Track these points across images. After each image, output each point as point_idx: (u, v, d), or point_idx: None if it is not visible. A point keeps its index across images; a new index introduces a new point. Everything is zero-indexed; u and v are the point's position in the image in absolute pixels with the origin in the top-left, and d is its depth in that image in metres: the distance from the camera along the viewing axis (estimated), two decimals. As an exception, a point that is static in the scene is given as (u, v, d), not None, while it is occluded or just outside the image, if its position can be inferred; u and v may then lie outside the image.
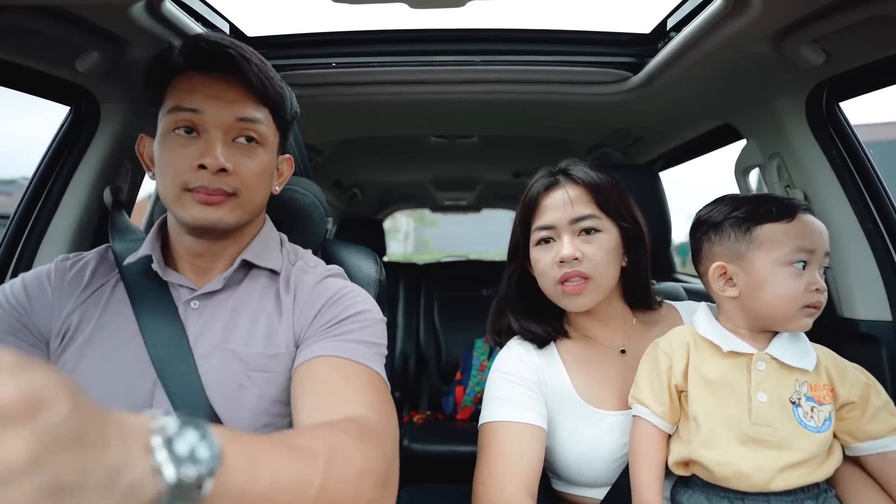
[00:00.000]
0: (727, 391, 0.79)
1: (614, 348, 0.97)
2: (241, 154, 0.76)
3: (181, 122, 0.74)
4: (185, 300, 0.80)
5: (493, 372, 0.95)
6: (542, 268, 0.91)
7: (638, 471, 0.82)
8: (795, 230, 0.79)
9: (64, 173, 1.19)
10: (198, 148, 0.74)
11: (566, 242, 0.88)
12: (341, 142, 2.00)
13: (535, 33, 1.34)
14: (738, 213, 0.83)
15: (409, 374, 2.68)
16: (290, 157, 0.90)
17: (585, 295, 0.89)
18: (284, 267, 0.85)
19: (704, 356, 0.82)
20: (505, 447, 0.85)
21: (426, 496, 1.08)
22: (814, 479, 0.76)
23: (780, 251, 0.79)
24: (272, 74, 0.79)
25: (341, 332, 0.76)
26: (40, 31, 0.87)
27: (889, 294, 1.12)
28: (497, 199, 3.81)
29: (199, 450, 0.38)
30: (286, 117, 0.83)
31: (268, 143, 0.79)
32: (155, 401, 0.74)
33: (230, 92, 0.75)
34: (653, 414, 0.83)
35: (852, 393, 0.79)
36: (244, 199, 0.77)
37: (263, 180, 0.80)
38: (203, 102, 0.74)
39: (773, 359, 0.80)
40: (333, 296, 0.80)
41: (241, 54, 0.75)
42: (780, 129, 1.22)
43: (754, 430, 0.76)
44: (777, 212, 0.81)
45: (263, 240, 0.86)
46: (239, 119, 0.75)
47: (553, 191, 0.92)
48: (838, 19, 0.86)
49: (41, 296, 0.79)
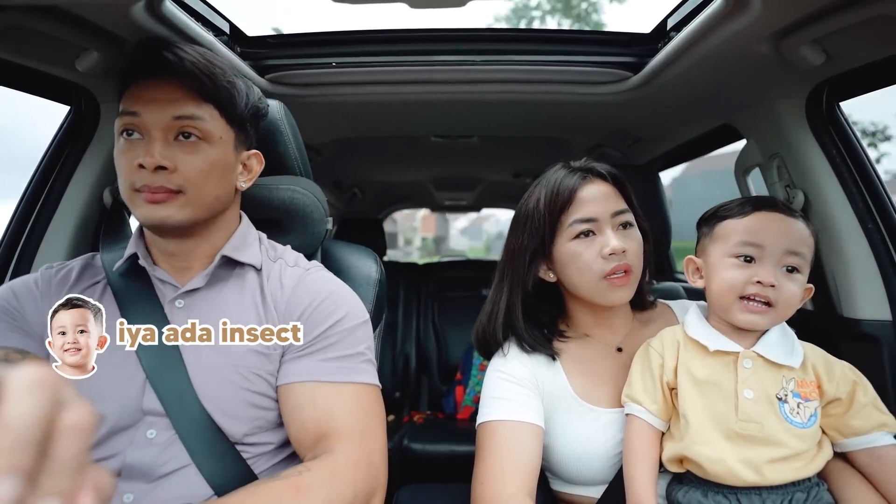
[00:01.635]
0: (715, 389, 0.81)
1: (611, 346, 0.97)
2: (183, 151, 0.77)
3: (125, 126, 0.77)
4: (170, 299, 0.81)
5: (490, 371, 0.95)
6: (584, 262, 0.88)
7: (632, 468, 0.83)
8: (745, 225, 0.83)
9: (64, 173, 1.19)
10: (140, 149, 0.76)
11: (612, 235, 0.87)
12: (341, 142, 2.00)
13: (535, 33, 1.34)
14: (715, 214, 0.89)
15: (409, 373, 2.68)
16: (257, 153, 0.89)
17: (628, 287, 0.89)
18: (265, 263, 0.86)
19: (693, 355, 0.84)
20: (503, 446, 0.85)
21: (426, 496, 1.08)
22: (804, 474, 0.78)
23: (728, 244, 0.84)
24: (215, 71, 0.79)
25: (323, 347, 0.78)
26: (40, 30, 0.87)
27: (889, 294, 1.12)
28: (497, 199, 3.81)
29: None
30: (238, 112, 0.82)
31: (214, 139, 0.79)
32: (145, 401, 0.75)
33: (169, 92, 0.76)
34: (646, 412, 0.84)
35: (839, 390, 0.80)
36: (192, 196, 0.77)
37: (212, 177, 0.79)
38: (141, 105, 0.76)
39: (760, 356, 0.81)
40: (312, 301, 0.81)
41: (176, 54, 0.75)
42: (780, 129, 1.22)
43: (741, 426, 0.77)
44: (737, 209, 0.86)
45: (241, 236, 0.87)
46: (176, 117, 0.76)
47: (587, 184, 0.90)
48: (838, 19, 0.86)
49: (30, 300, 0.81)
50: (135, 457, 0.73)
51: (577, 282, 0.91)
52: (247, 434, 0.78)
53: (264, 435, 0.80)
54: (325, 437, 0.74)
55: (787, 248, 0.80)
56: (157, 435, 0.74)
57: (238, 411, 0.77)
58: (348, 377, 0.78)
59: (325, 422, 0.75)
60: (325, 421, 0.75)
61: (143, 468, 0.73)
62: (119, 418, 0.74)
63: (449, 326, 2.71)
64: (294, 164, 1.03)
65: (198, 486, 0.73)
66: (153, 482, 0.73)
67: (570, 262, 0.90)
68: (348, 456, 0.72)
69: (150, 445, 0.74)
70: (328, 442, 0.74)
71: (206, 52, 0.80)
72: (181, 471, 0.74)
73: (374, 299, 1.01)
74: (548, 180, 0.93)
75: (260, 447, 0.79)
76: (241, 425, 0.77)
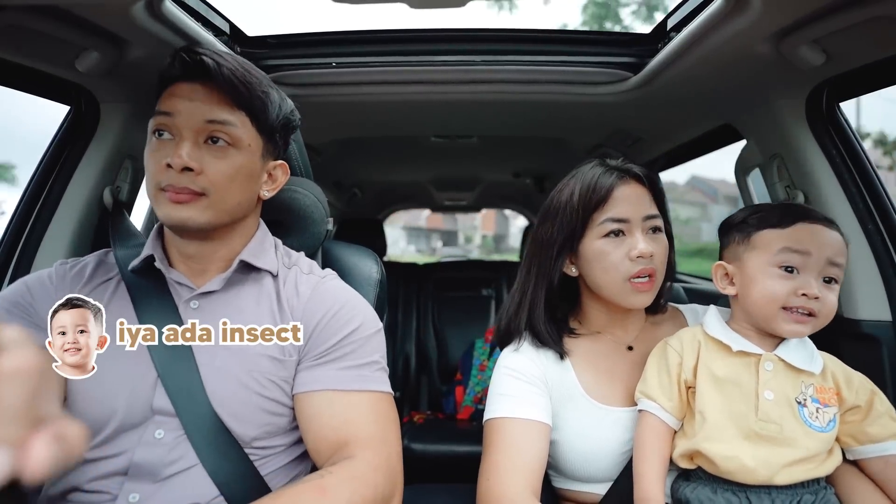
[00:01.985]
0: (735, 388, 0.81)
1: (622, 344, 0.97)
2: (211, 155, 0.78)
3: (158, 125, 0.78)
4: (185, 300, 0.81)
5: (497, 367, 0.95)
6: (611, 262, 0.88)
7: (642, 464, 0.83)
8: (788, 235, 0.82)
9: (64, 173, 1.19)
10: (170, 148, 0.76)
11: (641, 238, 0.87)
12: (341, 142, 1.99)
13: (536, 33, 1.33)
14: (746, 220, 0.88)
15: (409, 373, 2.68)
16: (283, 164, 0.90)
17: (651, 293, 0.89)
18: (281, 270, 0.87)
19: (714, 355, 0.85)
20: (510, 443, 0.86)
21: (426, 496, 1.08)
22: (816, 475, 0.78)
23: (769, 253, 0.83)
24: (251, 80, 0.80)
25: (339, 356, 0.80)
26: (40, 30, 0.87)
27: (889, 294, 1.12)
28: (497, 199, 3.81)
29: None
30: (269, 122, 0.83)
31: (243, 145, 0.80)
32: (155, 400, 0.75)
33: (205, 96, 0.78)
34: (660, 408, 0.84)
35: (858, 397, 0.81)
36: (215, 200, 0.78)
37: (237, 182, 0.80)
38: (176, 106, 0.77)
39: (781, 360, 0.82)
40: (327, 312, 0.82)
41: (215, 59, 0.77)
42: (780, 130, 1.22)
43: (760, 426, 0.78)
44: (776, 219, 0.84)
45: (259, 242, 0.88)
46: (208, 121, 0.77)
47: (623, 185, 0.90)
48: (838, 20, 0.86)
49: (44, 294, 0.81)
50: (142, 456, 0.73)
51: (601, 281, 0.90)
52: (256, 438, 0.78)
53: (274, 439, 0.80)
54: (344, 445, 0.76)
55: (828, 258, 0.80)
56: (164, 435, 0.74)
57: (249, 415, 0.77)
58: (365, 385, 0.80)
59: (343, 429, 0.77)
60: (343, 428, 0.77)
61: (149, 468, 0.73)
62: (128, 416, 0.74)
63: (449, 326, 2.71)
64: (294, 164, 1.03)
65: (204, 486, 0.73)
66: (159, 482, 0.73)
67: (597, 261, 0.90)
68: (369, 461, 0.74)
69: (157, 445, 0.74)
70: (348, 449, 0.75)
71: (244, 62, 0.82)
72: (188, 471, 0.74)
73: (374, 300, 1.02)
74: (584, 175, 0.92)
75: (268, 450, 0.80)
76: (252, 429, 0.77)
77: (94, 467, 0.74)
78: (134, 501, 0.72)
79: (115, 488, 0.73)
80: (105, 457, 0.74)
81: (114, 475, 0.73)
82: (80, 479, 0.74)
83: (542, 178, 2.81)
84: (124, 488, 0.72)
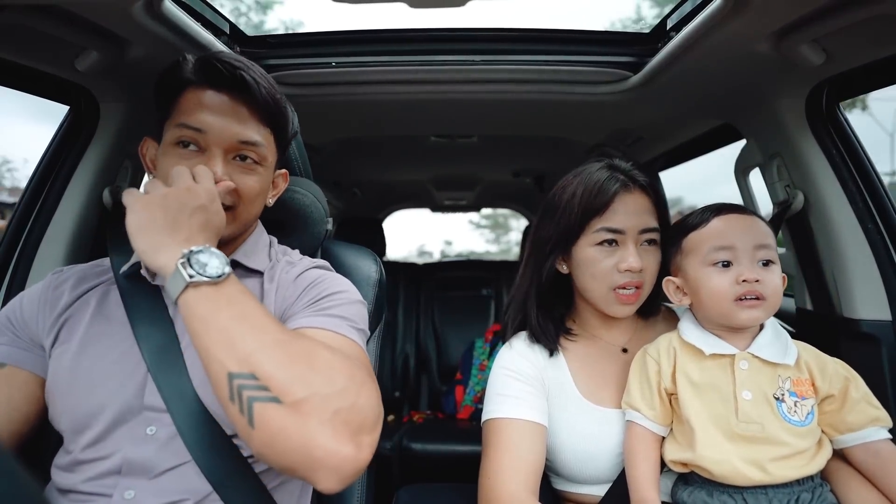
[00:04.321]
0: (713, 392, 0.82)
1: (616, 346, 0.98)
2: (241, 171, 0.80)
3: (185, 138, 0.78)
4: None
5: (495, 368, 0.96)
6: (599, 270, 0.89)
7: (634, 470, 0.83)
8: (710, 232, 0.85)
9: (63, 173, 1.18)
10: (197, 161, 0.77)
11: (632, 252, 0.88)
12: (341, 142, 1.99)
13: (535, 33, 1.33)
14: (675, 231, 0.90)
15: (409, 373, 2.68)
16: (285, 172, 0.93)
17: (635, 304, 0.90)
18: (273, 266, 0.88)
19: (690, 360, 0.85)
20: (509, 444, 0.86)
21: (426, 496, 1.08)
22: (808, 472, 0.78)
23: (700, 254, 0.85)
24: (279, 96, 0.83)
25: (320, 308, 0.79)
26: (40, 30, 0.87)
27: (889, 294, 1.12)
28: (497, 198, 3.81)
29: (209, 267, 0.65)
30: (287, 137, 0.88)
31: (267, 163, 0.83)
32: (146, 396, 0.76)
33: (236, 113, 0.79)
34: (644, 418, 0.85)
35: (832, 386, 0.82)
36: (240, 213, 0.81)
37: (261, 196, 0.84)
38: (208, 123, 0.77)
39: (755, 357, 0.82)
40: (314, 280, 0.84)
41: (253, 77, 0.79)
42: (780, 129, 1.22)
43: (742, 427, 0.78)
44: (695, 221, 0.87)
45: (253, 243, 0.89)
46: (241, 142, 0.79)
47: (626, 194, 0.89)
48: (838, 19, 0.86)
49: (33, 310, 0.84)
50: (135, 453, 0.73)
51: (588, 286, 0.92)
52: None
53: None
54: None
55: (755, 243, 0.82)
56: (157, 431, 0.75)
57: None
58: (342, 330, 0.76)
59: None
60: None
61: (143, 464, 0.73)
62: (119, 412, 0.75)
63: (449, 326, 2.71)
64: (295, 164, 1.03)
65: (198, 481, 0.73)
66: (154, 478, 0.73)
67: (586, 266, 0.90)
68: (360, 370, 0.68)
69: (150, 441, 0.74)
70: None
71: (265, 73, 0.82)
72: (181, 467, 0.74)
73: (373, 300, 1.01)
74: (589, 176, 0.91)
75: None
76: None
77: (89, 467, 0.74)
78: (129, 498, 0.72)
79: (110, 487, 0.73)
80: (99, 457, 0.74)
81: (109, 474, 0.73)
82: (76, 480, 0.74)
83: (542, 177, 2.81)
84: (119, 485, 0.72)
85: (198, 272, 0.64)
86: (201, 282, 0.63)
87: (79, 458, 0.75)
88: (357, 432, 0.61)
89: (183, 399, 0.75)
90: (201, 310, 0.63)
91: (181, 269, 0.63)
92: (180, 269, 0.63)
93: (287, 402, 0.58)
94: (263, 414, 0.58)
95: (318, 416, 0.59)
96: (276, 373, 0.60)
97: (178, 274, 0.64)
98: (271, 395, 0.58)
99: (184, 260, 0.64)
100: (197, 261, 0.64)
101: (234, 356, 0.60)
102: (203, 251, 0.65)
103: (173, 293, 0.64)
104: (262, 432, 0.58)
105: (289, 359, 0.62)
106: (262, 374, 0.59)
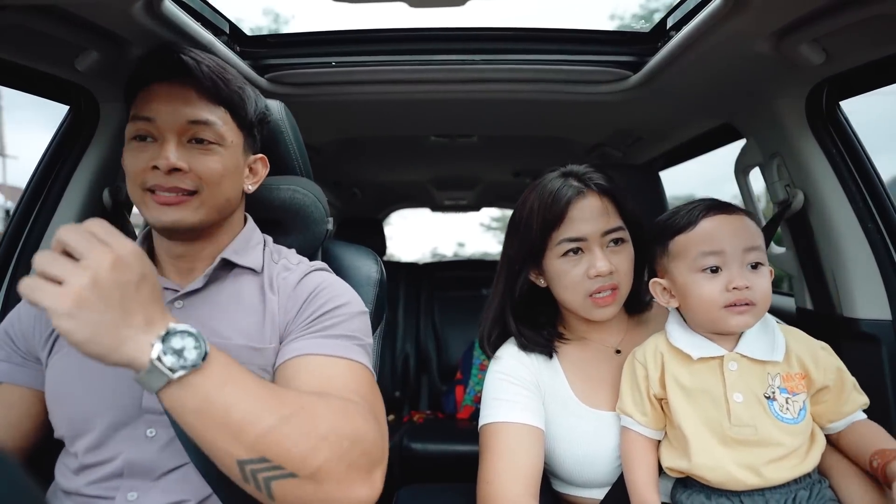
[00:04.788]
0: (704, 396, 0.81)
1: (609, 348, 0.97)
2: (198, 153, 0.78)
3: (138, 131, 0.78)
4: (169, 300, 0.81)
5: (491, 372, 0.96)
6: (570, 280, 0.88)
7: (632, 474, 0.83)
8: (697, 237, 0.82)
9: (63, 174, 1.18)
10: (154, 151, 0.76)
11: (599, 256, 0.87)
12: (341, 141, 1.99)
13: (535, 32, 1.33)
14: (660, 230, 0.87)
15: (409, 373, 2.68)
16: (263, 157, 0.91)
17: (614, 305, 0.89)
18: (267, 265, 0.87)
19: (678, 364, 0.84)
20: (507, 448, 0.86)
21: (426, 495, 1.08)
22: (803, 471, 0.78)
23: (688, 259, 0.82)
24: (229, 77, 0.81)
25: (322, 328, 0.78)
26: (39, 30, 0.87)
27: (889, 293, 1.12)
28: (497, 198, 3.81)
29: (188, 351, 0.56)
30: (247, 117, 0.85)
31: (227, 142, 0.81)
32: (144, 398, 0.76)
33: (183, 96, 0.78)
34: (637, 423, 0.85)
35: (827, 377, 0.81)
36: (207, 197, 0.79)
37: (226, 178, 0.81)
38: (156, 110, 0.77)
39: (744, 357, 0.81)
40: (314, 290, 0.82)
41: (192, 57, 0.78)
42: (780, 129, 1.22)
43: (735, 431, 0.77)
44: (682, 222, 0.84)
45: (244, 239, 0.88)
46: (191, 122, 0.77)
47: (581, 200, 0.88)
48: (838, 18, 0.86)
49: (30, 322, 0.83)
50: (137, 455, 0.73)
51: (564, 297, 0.92)
52: None
53: None
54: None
55: (745, 246, 0.80)
56: (157, 433, 0.75)
57: None
58: (345, 353, 0.76)
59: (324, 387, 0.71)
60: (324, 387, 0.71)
61: (144, 466, 0.73)
62: (117, 415, 0.75)
63: (449, 326, 2.71)
64: (295, 164, 1.03)
65: (199, 483, 0.73)
66: (155, 480, 0.73)
67: (558, 279, 0.91)
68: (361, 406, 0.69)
69: (150, 443, 0.74)
70: None
71: (218, 59, 0.82)
72: (182, 468, 0.74)
73: (374, 299, 1.01)
74: (543, 188, 0.91)
75: None
76: None
77: (92, 471, 0.74)
78: (132, 500, 0.72)
79: (113, 489, 0.73)
80: (101, 460, 0.74)
81: (112, 477, 0.74)
82: (79, 484, 0.74)
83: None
84: (122, 487, 0.73)
85: (178, 364, 0.55)
86: (185, 374, 0.56)
87: (81, 461, 0.75)
88: (369, 471, 0.64)
89: None
90: (193, 403, 0.56)
91: (159, 365, 0.55)
92: (157, 364, 0.54)
93: (303, 475, 0.59)
94: (282, 489, 0.59)
95: (335, 477, 0.60)
96: (289, 451, 0.58)
97: (156, 370, 0.55)
98: (287, 472, 0.58)
99: (158, 353, 0.55)
100: (170, 348, 0.55)
101: (240, 444, 0.57)
102: (173, 334, 0.56)
103: (153, 388, 0.56)
104: (282, 502, 0.60)
105: (297, 432, 0.59)
106: (273, 457, 0.58)
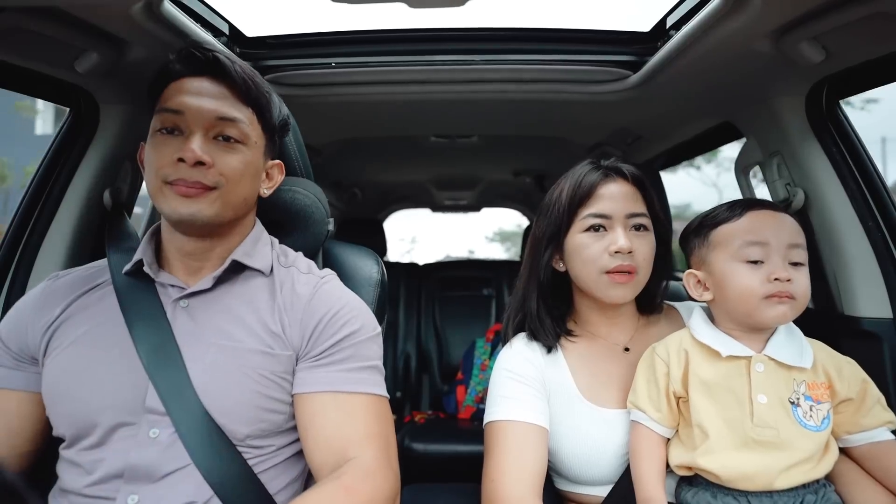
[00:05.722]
0: (727, 394, 0.80)
1: (618, 346, 0.97)
2: (222, 150, 0.79)
3: (165, 123, 0.78)
4: (175, 299, 0.82)
5: (496, 369, 0.96)
6: (590, 254, 0.90)
7: (639, 469, 0.83)
8: (742, 226, 0.82)
9: (63, 175, 1.18)
10: (179, 144, 0.77)
11: (622, 234, 0.88)
12: (341, 142, 2.00)
13: (535, 32, 1.33)
14: (701, 223, 0.88)
15: (410, 373, 2.68)
16: (280, 163, 0.92)
17: (630, 287, 0.89)
18: (277, 269, 0.87)
19: (703, 360, 0.83)
20: (512, 446, 0.86)
21: (427, 495, 1.08)
22: (814, 476, 0.78)
23: (731, 248, 0.82)
24: (258, 80, 0.83)
25: (339, 360, 0.80)
26: (39, 32, 0.87)
27: (890, 291, 1.12)
28: (497, 198, 3.81)
29: None
30: (272, 120, 0.86)
31: (251, 142, 0.82)
32: (147, 399, 0.75)
33: (214, 93, 0.79)
34: (650, 419, 0.84)
35: (851, 389, 0.80)
36: (225, 193, 0.79)
37: (246, 177, 0.82)
38: (186, 104, 0.77)
39: (771, 360, 0.81)
40: (329, 311, 0.83)
41: (229, 59, 0.80)
42: (780, 127, 1.22)
43: (757, 431, 0.77)
44: (726, 213, 0.85)
45: (253, 241, 0.88)
46: (219, 118, 0.78)
47: (609, 182, 0.91)
48: (838, 16, 0.86)
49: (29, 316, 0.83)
50: (138, 457, 0.73)
51: (581, 273, 0.92)
52: (249, 436, 0.77)
53: (269, 438, 0.80)
54: (347, 444, 0.77)
55: (788, 242, 0.80)
56: (160, 434, 0.74)
57: (241, 413, 0.77)
58: (365, 388, 0.81)
59: (344, 428, 0.77)
60: (344, 427, 0.77)
61: (146, 468, 0.73)
62: (118, 415, 0.75)
63: (450, 326, 2.71)
64: (295, 164, 1.03)
65: (201, 486, 0.73)
66: (157, 482, 0.73)
67: (577, 253, 0.91)
68: (377, 457, 0.76)
69: (153, 444, 0.74)
70: (351, 449, 0.76)
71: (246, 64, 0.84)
72: (184, 470, 0.74)
73: (375, 300, 1.01)
74: (573, 174, 0.95)
75: (264, 449, 0.79)
76: (244, 427, 0.77)
77: (91, 471, 0.74)
78: (133, 502, 0.72)
79: (113, 491, 0.73)
80: (101, 461, 0.74)
81: (111, 478, 0.73)
82: (79, 484, 0.74)
83: (543, 176, 2.81)
84: (123, 489, 0.72)
85: None
86: None
87: (81, 461, 0.75)
88: None
89: (183, 401, 0.74)
90: None
91: None
92: None
93: None
94: None
95: None
96: None
97: None
98: None
99: None
100: None
101: None
102: None
103: None
104: None
105: None
106: None
